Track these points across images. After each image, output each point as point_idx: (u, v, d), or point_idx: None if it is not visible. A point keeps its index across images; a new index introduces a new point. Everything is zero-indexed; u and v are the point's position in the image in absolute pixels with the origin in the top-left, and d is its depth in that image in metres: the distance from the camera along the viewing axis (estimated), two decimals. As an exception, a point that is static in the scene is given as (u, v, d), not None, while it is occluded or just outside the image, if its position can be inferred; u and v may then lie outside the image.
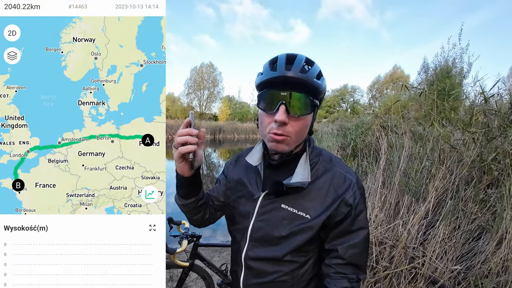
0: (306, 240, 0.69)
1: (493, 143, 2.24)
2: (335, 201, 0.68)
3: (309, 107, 0.66)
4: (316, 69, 0.67)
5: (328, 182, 0.71)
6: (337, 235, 0.69)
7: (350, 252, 0.68)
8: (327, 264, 0.71)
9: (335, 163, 0.75)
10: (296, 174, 0.71)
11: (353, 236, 0.69)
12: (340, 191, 0.69)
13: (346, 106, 45.36)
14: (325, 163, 0.74)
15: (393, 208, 2.37)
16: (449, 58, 7.03)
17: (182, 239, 1.60)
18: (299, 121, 0.66)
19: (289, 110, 0.64)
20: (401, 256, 1.90)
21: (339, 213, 0.68)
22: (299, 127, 0.67)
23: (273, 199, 0.73)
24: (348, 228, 0.69)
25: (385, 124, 3.42)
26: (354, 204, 0.68)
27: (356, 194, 0.69)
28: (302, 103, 0.65)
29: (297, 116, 0.65)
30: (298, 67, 0.64)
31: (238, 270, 0.79)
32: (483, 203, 2.05)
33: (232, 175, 0.87)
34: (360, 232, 0.69)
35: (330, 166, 0.73)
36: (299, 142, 0.71)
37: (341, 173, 0.72)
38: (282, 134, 0.66)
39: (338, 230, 0.69)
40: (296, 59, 0.66)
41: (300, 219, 0.69)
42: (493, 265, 1.62)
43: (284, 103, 0.64)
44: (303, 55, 0.69)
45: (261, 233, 0.73)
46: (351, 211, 0.68)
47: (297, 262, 0.72)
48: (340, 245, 0.69)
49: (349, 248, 0.68)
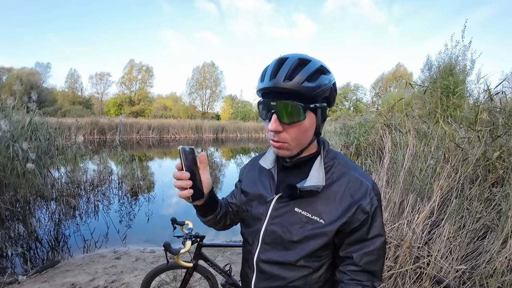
0: (320, 246, 0.68)
1: (498, 141, 2.21)
2: (351, 207, 0.66)
3: (300, 113, 0.64)
4: (308, 70, 0.63)
5: (343, 186, 0.69)
6: (352, 242, 0.68)
7: (366, 260, 0.67)
8: (341, 271, 0.69)
9: (351, 167, 0.73)
10: (311, 177, 0.70)
11: (369, 244, 0.67)
12: (356, 196, 0.67)
13: (349, 104, 45.18)
14: (341, 166, 0.72)
15: (398, 207, 2.36)
16: (452, 55, 6.96)
17: (185, 239, 1.61)
18: (294, 127, 0.66)
19: (280, 118, 0.65)
20: (406, 256, 1.88)
21: (355, 220, 0.66)
22: (295, 133, 0.66)
23: (287, 202, 0.72)
24: (364, 236, 0.67)
25: (388, 122, 3.40)
26: (371, 211, 0.66)
27: (373, 201, 0.67)
28: (291, 111, 0.64)
29: (288, 123, 0.65)
30: (283, 75, 0.62)
31: (249, 273, 0.78)
32: (488, 202, 2.03)
33: (246, 179, 0.87)
34: (376, 240, 0.68)
35: (346, 170, 0.71)
36: (302, 145, 0.70)
37: (357, 177, 0.69)
38: (278, 141, 0.67)
39: (353, 237, 0.68)
40: (284, 64, 0.64)
41: (313, 223, 0.68)
42: (498, 265, 1.61)
43: (275, 112, 0.65)
44: (296, 55, 0.66)
45: (273, 237, 0.72)
46: (367, 219, 0.66)
47: (310, 267, 0.70)
48: (355, 252, 0.67)
49: (365, 255, 0.67)
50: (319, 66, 0.66)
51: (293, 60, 0.64)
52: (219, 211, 0.83)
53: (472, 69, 6.57)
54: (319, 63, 0.66)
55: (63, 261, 3.20)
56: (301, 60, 0.65)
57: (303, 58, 0.65)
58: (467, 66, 6.69)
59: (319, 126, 0.70)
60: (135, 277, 2.78)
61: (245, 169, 0.92)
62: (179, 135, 23.54)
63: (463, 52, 6.74)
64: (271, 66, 0.66)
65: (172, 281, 2.34)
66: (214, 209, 0.81)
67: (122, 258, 3.25)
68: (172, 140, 21.53)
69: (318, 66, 0.65)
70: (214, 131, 26.15)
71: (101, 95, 42.08)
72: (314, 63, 0.65)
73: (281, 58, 0.66)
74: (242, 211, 0.85)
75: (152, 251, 3.47)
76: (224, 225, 0.89)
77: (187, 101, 42.77)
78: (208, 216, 0.81)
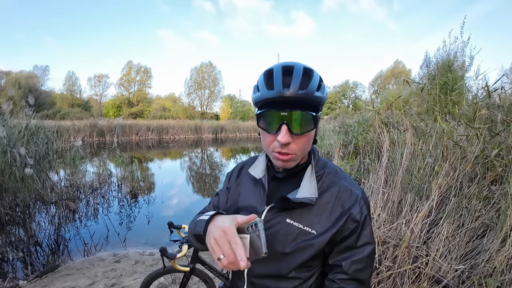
0: (311, 256, 0.68)
1: (496, 138, 2.20)
2: (342, 216, 0.67)
3: (311, 122, 0.63)
4: (316, 79, 0.63)
5: (334, 196, 0.69)
6: (341, 250, 0.68)
7: (354, 268, 0.66)
8: (330, 279, 0.69)
9: (341, 176, 0.73)
10: (303, 188, 0.69)
11: (358, 252, 0.67)
12: (346, 205, 0.68)
13: (347, 102, 45.15)
14: (331, 176, 0.72)
15: (396, 207, 2.35)
16: (450, 52, 6.95)
17: (182, 243, 1.60)
18: (302, 138, 0.64)
19: (291, 129, 0.62)
20: (405, 256, 1.88)
21: (345, 229, 0.66)
22: (303, 143, 0.65)
23: (278, 214, 0.71)
24: (353, 244, 0.67)
25: (386, 120, 3.39)
26: (361, 220, 0.67)
27: (363, 210, 0.68)
28: (304, 121, 0.62)
29: (300, 134, 0.63)
30: (297, 83, 0.60)
31: (240, 286, 0.77)
32: (487, 200, 2.02)
33: (235, 187, 0.85)
34: (365, 248, 0.68)
35: (335, 179, 0.72)
36: (305, 155, 0.70)
37: (347, 187, 0.70)
38: (287, 153, 0.64)
39: (343, 246, 0.67)
40: (294, 72, 0.62)
41: (306, 234, 0.68)
42: (497, 264, 1.60)
43: (286, 123, 0.62)
44: (301, 65, 0.65)
45: None
46: (357, 227, 0.67)
47: (301, 278, 0.70)
48: (344, 260, 0.67)
49: (353, 263, 0.66)
50: (319, 76, 0.66)
51: (300, 69, 0.63)
52: None
53: (471, 65, 6.56)
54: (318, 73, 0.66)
55: (63, 265, 3.20)
56: (306, 70, 0.64)
57: (307, 68, 0.65)
58: (465, 62, 6.67)
59: (316, 134, 0.72)
60: (135, 280, 2.78)
61: (231, 177, 0.88)
62: (178, 136, 23.53)
63: (462, 48, 6.73)
64: (278, 73, 0.63)
65: (170, 284, 2.33)
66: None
67: (122, 261, 3.25)
68: (171, 141, 21.52)
69: (319, 75, 0.66)
70: (213, 131, 26.15)
71: (99, 97, 41.99)
72: (316, 73, 0.65)
73: (286, 65, 0.64)
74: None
75: (151, 254, 3.47)
76: None
77: (186, 102, 42.76)
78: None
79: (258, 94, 0.66)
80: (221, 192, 0.89)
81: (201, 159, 13.59)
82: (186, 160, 12.88)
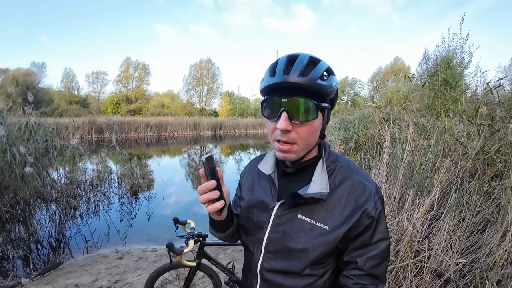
0: (325, 253, 0.67)
1: (496, 134, 2.22)
2: (356, 212, 0.65)
3: (313, 111, 0.62)
4: (320, 68, 0.62)
5: (347, 191, 0.67)
6: (356, 247, 0.67)
7: (370, 264, 0.66)
8: (345, 275, 0.68)
9: (354, 170, 0.71)
10: (314, 183, 0.68)
11: (373, 248, 0.67)
12: (360, 201, 0.66)
13: (346, 98, 45.14)
14: (343, 170, 0.71)
15: (398, 202, 2.38)
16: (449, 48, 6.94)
17: (188, 239, 1.61)
18: (304, 127, 0.63)
19: (291, 117, 0.61)
20: (407, 250, 1.90)
21: (360, 225, 0.66)
22: (305, 133, 0.63)
23: (289, 209, 0.70)
24: (368, 240, 0.66)
25: (387, 116, 3.40)
26: (376, 215, 0.66)
27: (378, 205, 0.67)
28: (305, 108, 0.61)
29: (300, 123, 0.62)
30: (298, 70, 0.60)
31: (253, 281, 0.77)
32: (487, 196, 2.05)
33: (246, 185, 0.85)
34: (380, 244, 0.67)
35: (348, 174, 0.70)
36: (309, 148, 0.68)
37: (360, 181, 0.68)
38: (287, 141, 0.63)
39: (358, 242, 0.67)
40: (297, 60, 0.62)
41: (318, 230, 0.67)
42: (498, 258, 1.63)
43: (286, 110, 0.61)
44: (307, 54, 0.64)
45: (277, 245, 0.71)
46: (372, 223, 0.66)
47: (315, 275, 0.69)
48: (359, 257, 0.67)
49: (369, 259, 0.66)
50: (328, 66, 0.65)
51: (305, 57, 0.63)
52: (236, 223, 0.81)
53: (470, 62, 6.56)
54: (327, 63, 0.65)
55: (65, 262, 3.21)
56: (312, 59, 0.64)
57: (313, 57, 0.64)
58: (464, 59, 6.67)
59: (324, 128, 0.69)
60: (138, 276, 2.80)
61: (244, 174, 0.88)
62: (177, 133, 23.47)
63: (461, 45, 6.72)
64: (282, 61, 0.63)
65: (175, 280, 2.35)
66: (232, 222, 0.79)
67: (125, 258, 3.26)
68: (170, 138, 21.46)
69: (327, 66, 0.65)
70: (212, 128, 26.06)
71: (98, 94, 41.81)
72: (324, 63, 0.64)
73: (291, 55, 0.64)
74: (242, 218, 0.81)
75: (154, 250, 3.48)
76: (238, 237, 0.86)
77: (185, 98, 42.58)
78: (227, 230, 0.79)
79: (263, 83, 0.66)
80: (237, 190, 0.90)
81: (200, 156, 13.59)
82: (185, 157, 12.88)
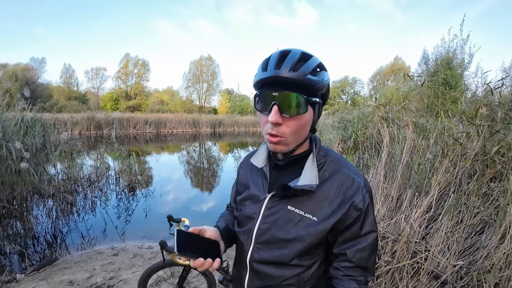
0: (313, 244, 0.69)
1: (496, 135, 2.20)
2: (344, 204, 0.68)
3: (304, 105, 0.63)
4: (311, 64, 0.64)
5: (336, 184, 0.70)
6: (346, 239, 0.69)
7: (359, 256, 0.69)
8: (335, 267, 0.71)
9: (343, 164, 0.73)
10: (304, 175, 0.70)
11: (362, 240, 0.69)
12: (349, 194, 0.68)
13: (346, 97, 45.12)
14: (333, 164, 0.73)
15: (395, 202, 2.36)
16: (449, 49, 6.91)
17: (182, 237, 1.59)
18: (294, 121, 0.64)
19: (282, 110, 0.63)
20: (404, 251, 1.89)
21: (348, 217, 0.68)
22: (295, 127, 0.65)
23: (280, 201, 0.72)
24: (357, 233, 0.69)
25: (386, 116, 3.38)
26: (364, 208, 0.68)
27: (366, 198, 0.69)
28: (295, 102, 0.63)
29: (290, 116, 0.63)
30: (289, 65, 0.62)
31: (243, 272, 0.79)
32: (486, 197, 2.03)
33: (241, 178, 0.88)
34: (369, 236, 0.69)
35: (337, 167, 0.72)
36: (299, 141, 0.69)
37: (349, 175, 0.70)
38: (276, 135, 0.65)
39: (346, 235, 0.69)
40: (289, 55, 0.64)
41: (307, 221, 0.69)
42: (495, 260, 1.61)
43: (277, 103, 0.63)
44: (299, 50, 0.66)
45: (267, 236, 0.73)
46: (360, 215, 0.68)
47: (303, 265, 0.72)
48: (348, 249, 0.69)
49: (358, 251, 0.68)
50: (320, 62, 0.67)
51: (297, 53, 0.65)
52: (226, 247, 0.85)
53: (470, 63, 6.54)
54: (319, 59, 0.67)
55: (61, 258, 3.19)
56: (304, 55, 0.65)
57: (305, 53, 0.66)
58: (465, 60, 6.65)
59: (315, 123, 0.71)
60: (133, 273, 2.78)
61: (239, 171, 0.92)
62: (176, 130, 23.44)
63: (461, 46, 6.70)
64: (274, 57, 0.65)
65: (169, 278, 2.33)
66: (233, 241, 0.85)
67: (120, 255, 3.25)
68: (169, 135, 21.44)
69: (319, 62, 0.67)
70: (211, 125, 26.06)
71: (97, 89, 41.64)
72: (315, 59, 0.66)
73: (283, 50, 0.66)
74: (236, 210, 0.85)
75: (150, 247, 3.47)
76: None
77: (184, 95, 42.46)
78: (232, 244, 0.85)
79: (256, 76, 0.68)
80: (234, 185, 0.94)
81: (199, 153, 13.57)
82: (184, 154, 12.86)
